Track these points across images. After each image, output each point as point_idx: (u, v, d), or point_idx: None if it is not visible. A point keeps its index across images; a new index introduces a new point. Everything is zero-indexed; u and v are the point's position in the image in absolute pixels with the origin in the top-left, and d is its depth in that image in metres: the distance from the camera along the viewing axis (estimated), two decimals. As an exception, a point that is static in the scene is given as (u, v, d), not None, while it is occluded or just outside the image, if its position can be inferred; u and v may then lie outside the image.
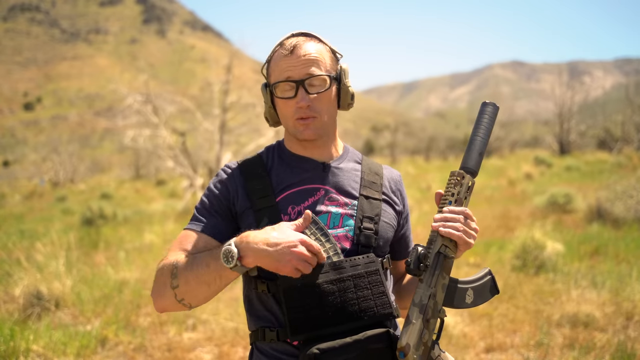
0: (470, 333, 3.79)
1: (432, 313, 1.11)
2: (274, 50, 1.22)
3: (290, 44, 1.19)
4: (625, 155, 20.14)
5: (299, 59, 1.17)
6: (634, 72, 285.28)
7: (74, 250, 5.90)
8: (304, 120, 1.20)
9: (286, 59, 1.18)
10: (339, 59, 1.27)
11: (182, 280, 1.12)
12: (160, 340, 3.86)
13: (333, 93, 1.23)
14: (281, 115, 1.25)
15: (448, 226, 1.13)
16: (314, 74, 1.18)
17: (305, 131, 1.21)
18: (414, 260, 1.12)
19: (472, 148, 1.21)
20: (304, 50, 1.18)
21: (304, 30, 1.23)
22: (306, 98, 1.18)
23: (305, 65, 1.18)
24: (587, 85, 44.27)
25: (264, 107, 1.30)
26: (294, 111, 1.20)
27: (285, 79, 1.18)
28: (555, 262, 5.30)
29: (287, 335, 1.11)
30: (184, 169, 12.87)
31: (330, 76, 1.21)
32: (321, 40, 1.23)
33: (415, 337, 1.08)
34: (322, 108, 1.21)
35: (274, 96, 1.22)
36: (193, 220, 1.24)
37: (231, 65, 13.52)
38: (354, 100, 1.30)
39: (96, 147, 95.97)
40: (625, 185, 7.89)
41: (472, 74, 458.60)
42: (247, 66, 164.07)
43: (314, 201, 1.21)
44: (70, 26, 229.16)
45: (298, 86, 1.18)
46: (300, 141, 1.25)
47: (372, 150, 50.96)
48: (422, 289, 1.13)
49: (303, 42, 1.19)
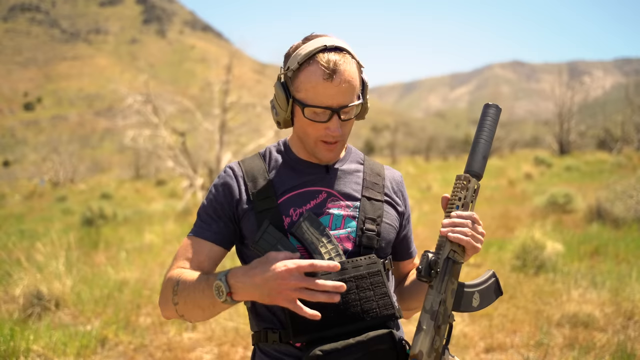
0: (470, 333, 3.79)
1: (442, 319, 1.11)
2: (305, 61, 1.14)
3: (328, 65, 1.12)
4: (625, 155, 20.17)
5: (339, 87, 1.13)
6: (634, 72, 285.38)
7: (74, 250, 5.90)
8: (329, 144, 1.19)
9: (326, 84, 1.12)
10: (362, 71, 1.22)
11: (181, 300, 1.14)
12: (160, 340, 3.85)
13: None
14: (303, 130, 1.21)
15: (457, 231, 1.12)
16: (351, 102, 1.16)
17: (328, 154, 1.21)
18: (424, 267, 1.11)
19: (476, 151, 1.21)
20: (344, 76, 1.13)
21: (335, 41, 1.16)
22: (339, 126, 1.17)
23: (344, 94, 1.14)
24: (587, 85, 44.23)
25: (279, 112, 1.22)
26: (322, 134, 1.18)
27: (323, 106, 1.14)
28: (555, 262, 5.30)
29: (289, 337, 1.11)
30: (184, 169, 12.87)
31: (362, 103, 1.20)
32: (352, 55, 1.18)
33: (427, 344, 1.08)
34: (347, 131, 1.21)
35: (301, 112, 1.17)
36: (196, 226, 1.24)
37: (231, 65, 13.52)
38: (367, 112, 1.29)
39: (96, 147, 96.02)
40: (625, 185, 7.90)
41: (472, 74, 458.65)
42: (247, 66, 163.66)
43: (316, 204, 1.21)
44: (70, 26, 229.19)
45: (333, 114, 1.15)
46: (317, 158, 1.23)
47: (372, 151, 50.95)
48: (432, 295, 1.12)
49: (342, 64, 1.13)
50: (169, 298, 1.17)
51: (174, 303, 1.15)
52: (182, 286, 1.14)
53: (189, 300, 1.12)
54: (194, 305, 1.13)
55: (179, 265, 1.21)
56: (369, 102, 1.28)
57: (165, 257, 6.58)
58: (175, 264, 1.22)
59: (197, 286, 1.11)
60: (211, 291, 1.07)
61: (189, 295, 1.12)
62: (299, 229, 1.16)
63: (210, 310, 1.12)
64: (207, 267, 1.20)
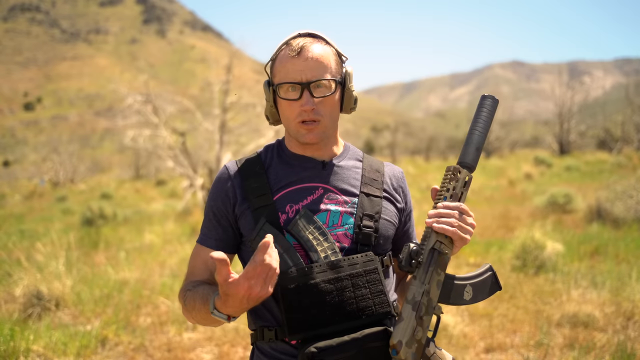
0: (470, 333, 3.79)
1: (425, 310, 1.11)
2: (280, 49, 1.21)
3: (297, 44, 1.17)
4: (625, 155, 20.16)
5: (306, 62, 1.16)
6: (634, 72, 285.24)
7: (74, 250, 5.90)
8: (307, 123, 1.19)
9: (293, 60, 1.16)
10: (344, 61, 1.25)
11: (189, 309, 1.20)
12: (160, 340, 3.85)
13: (337, 97, 1.22)
14: (283, 116, 1.23)
15: (442, 222, 1.13)
16: (320, 77, 1.17)
17: (307, 135, 1.20)
18: (405, 257, 1.11)
19: (469, 142, 1.20)
20: (311, 53, 1.17)
21: (311, 31, 1.22)
22: (311, 101, 1.17)
23: (312, 69, 1.16)
24: (587, 85, 44.20)
25: (265, 105, 1.28)
26: (298, 114, 1.19)
27: (291, 81, 1.17)
28: (555, 262, 5.30)
29: (285, 334, 1.11)
30: (184, 169, 12.86)
31: (336, 80, 1.20)
32: (328, 42, 1.22)
33: (407, 335, 1.08)
34: (325, 112, 1.20)
35: (277, 96, 1.21)
36: (201, 232, 1.29)
37: (231, 65, 13.50)
38: (356, 104, 1.28)
39: (96, 147, 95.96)
40: (625, 185, 7.89)
41: (472, 74, 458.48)
42: (247, 66, 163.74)
43: (313, 200, 1.21)
44: (70, 26, 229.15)
45: (303, 89, 1.16)
46: (301, 143, 1.24)
47: (372, 150, 50.91)
48: (415, 285, 1.12)
49: (310, 44, 1.18)
50: (182, 307, 1.24)
51: (185, 312, 1.22)
52: (189, 298, 1.20)
53: (195, 312, 1.18)
54: (198, 318, 1.18)
55: (189, 277, 1.28)
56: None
57: (165, 257, 6.58)
58: (187, 274, 1.29)
59: (201, 299, 1.15)
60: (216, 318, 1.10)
61: (194, 307, 1.17)
62: (295, 226, 1.16)
63: (212, 323, 1.18)
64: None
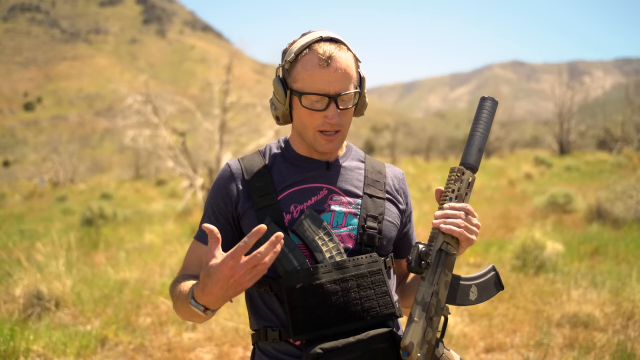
0: (470, 333, 3.79)
1: (435, 311, 1.11)
2: (301, 52, 1.16)
3: (325, 53, 1.14)
4: (625, 155, 20.17)
5: (335, 73, 1.14)
6: (633, 72, 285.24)
7: (74, 250, 5.89)
8: (327, 134, 1.19)
9: (322, 70, 1.13)
10: (359, 66, 1.24)
11: (174, 301, 1.19)
12: (160, 340, 3.85)
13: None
14: (300, 122, 1.21)
15: (449, 222, 1.13)
16: (347, 90, 1.16)
17: (327, 145, 1.20)
18: (415, 258, 1.11)
19: (471, 144, 1.20)
20: (339, 63, 1.14)
21: (332, 34, 1.18)
22: (337, 114, 1.16)
23: (339, 80, 1.15)
24: (587, 85, 44.23)
25: (277, 106, 1.23)
26: (320, 123, 1.17)
27: (319, 92, 1.14)
28: (555, 262, 5.30)
29: (289, 335, 1.11)
30: (184, 169, 12.86)
31: (359, 92, 1.20)
32: (348, 48, 1.20)
33: (418, 336, 1.07)
34: (346, 122, 1.20)
35: (299, 102, 1.17)
36: (199, 229, 1.27)
37: (231, 65, 13.50)
38: (365, 108, 1.28)
39: (96, 147, 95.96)
40: (625, 185, 7.89)
41: (472, 74, 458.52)
42: (247, 66, 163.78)
43: (317, 200, 1.21)
44: (70, 26, 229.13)
45: (330, 101, 1.15)
46: (318, 152, 1.23)
47: (372, 151, 50.91)
48: (424, 286, 1.12)
49: (337, 53, 1.15)
50: (172, 303, 1.23)
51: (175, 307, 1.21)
52: (177, 294, 1.18)
53: (182, 308, 1.16)
54: (184, 314, 1.16)
55: (182, 270, 1.27)
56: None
57: (165, 257, 6.58)
58: (181, 269, 1.28)
59: (184, 302, 1.13)
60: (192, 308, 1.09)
61: (182, 304, 1.15)
62: (300, 226, 1.15)
63: (196, 318, 1.14)
64: None
